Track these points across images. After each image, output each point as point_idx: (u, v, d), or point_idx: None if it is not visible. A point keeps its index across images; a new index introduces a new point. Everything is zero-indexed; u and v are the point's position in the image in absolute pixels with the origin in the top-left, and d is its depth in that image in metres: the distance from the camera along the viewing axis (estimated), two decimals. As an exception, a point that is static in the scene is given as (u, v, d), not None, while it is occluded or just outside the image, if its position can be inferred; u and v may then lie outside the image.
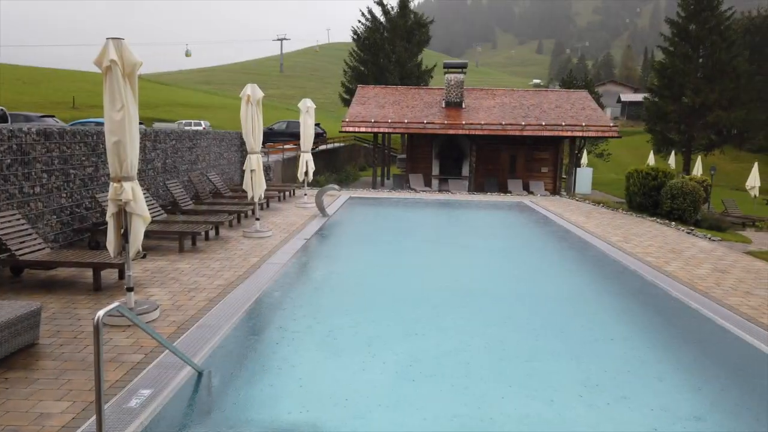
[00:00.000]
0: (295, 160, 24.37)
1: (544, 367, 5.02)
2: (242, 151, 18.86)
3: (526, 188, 25.38)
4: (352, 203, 16.59)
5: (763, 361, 5.23)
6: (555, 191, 25.50)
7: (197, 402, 4.24)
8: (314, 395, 4.37)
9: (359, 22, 47.05)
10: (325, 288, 7.69)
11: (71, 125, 27.44)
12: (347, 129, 24.06)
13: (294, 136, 30.42)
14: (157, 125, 35.03)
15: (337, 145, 37.30)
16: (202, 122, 37.75)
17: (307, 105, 14.72)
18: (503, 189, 25.26)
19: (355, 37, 47.23)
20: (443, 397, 4.38)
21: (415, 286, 7.90)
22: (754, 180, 23.76)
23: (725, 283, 7.84)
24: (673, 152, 37.46)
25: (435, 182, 25.73)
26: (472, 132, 23.86)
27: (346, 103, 43.26)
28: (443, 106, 25.98)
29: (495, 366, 5.05)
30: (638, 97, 72.97)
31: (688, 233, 12.29)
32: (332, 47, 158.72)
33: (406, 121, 24.19)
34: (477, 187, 25.21)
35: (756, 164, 24.59)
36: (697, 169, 28.29)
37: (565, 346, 5.59)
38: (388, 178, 31.63)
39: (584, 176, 30.31)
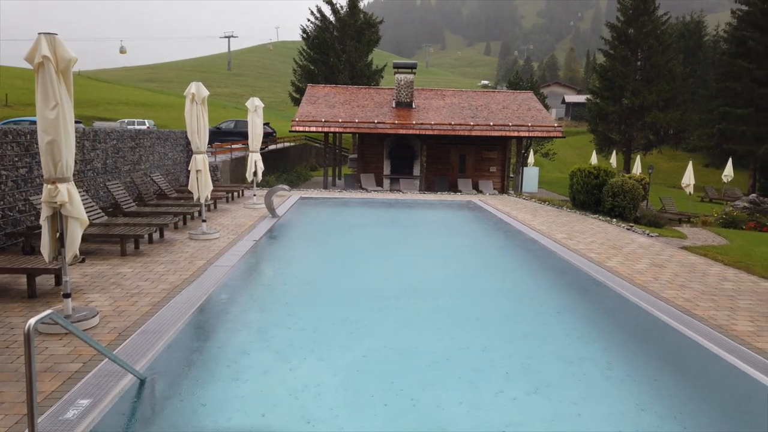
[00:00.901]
0: (243, 160, 23.94)
1: (492, 361, 5.11)
2: (188, 151, 18.38)
3: (476, 187, 25.84)
4: (302, 204, 16.44)
5: (696, 351, 5.49)
6: (503, 190, 26.06)
7: (140, 411, 4.09)
8: (262, 400, 4.30)
9: (309, 21, 46.68)
10: (274, 290, 7.58)
11: (3, 124, 26.05)
12: (297, 129, 23.83)
13: (242, 135, 29.92)
14: (97, 124, 33.68)
15: (287, 144, 36.91)
16: (146, 121, 36.58)
17: (255, 104, 14.48)
18: (453, 188, 25.62)
19: (305, 36, 46.82)
20: (393, 397, 4.39)
21: (367, 286, 7.90)
22: (688, 178, 24.97)
23: (662, 277, 8.20)
24: (614, 152, 38.97)
25: (386, 182, 25.82)
26: (423, 132, 24.07)
27: (297, 102, 42.87)
28: (394, 106, 26.11)
29: (443, 364, 5.10)
30: (581, 98, 75.48)
31: (628, 230, 12.80)
32: (282, 45, 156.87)
33: (356, 120, 24.17)
34: (428, 186, 25.47)
35: (690, 163, 25.84)
36: (637, 168, 29.53)
37: (508, 340, 5.72)
38: (339, 179, 31.54)
39: (531, 175, 31.11)
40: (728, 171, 30.58)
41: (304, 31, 46.98)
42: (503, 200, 18.88)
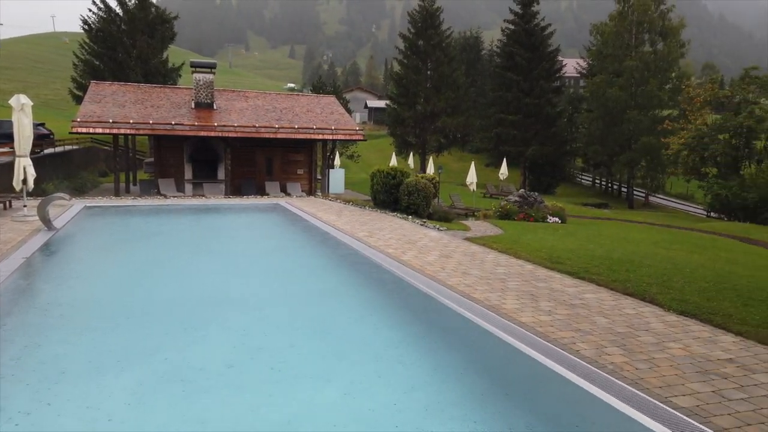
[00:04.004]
0: (10, 166, 20.65)
1: (298, 359, 5.16)
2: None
3: (284, 190, 25.81)
4: (88, 213, 14.75)
5: (476, 331, 6.17)
6: (311, 192, 26.45)
7: None
8: (29, 439, 3.76)
9: (90, 11, 42.08)
10: (50, 312, 6.67)
11: None
12: (79, 130, 21.32)
13: (8, 137, 25.80)
14: None
15: (69, 148, 32.82)
16: None
17: (21, 102, 12.58)
18: (261, 191, 25.26)
19: (87, 28, 42.12)
20: (202, 414, 4.17)
21: (162, 299, 7.38)
22: (472, 176, 28.02)
23: (448, 267, 9.07)
24: (411, 153, 42.11)
25: (189, 187, 24.45)
26: (226, 134, 23.30)
27: (80, 100, 38.34)
28: (193, 107, 24.82)
29: (251, 372, 5.00)
30: (382, 103, 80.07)
31: (422, 225, 13.91)
32: (58, 36, 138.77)
33: (151, 122, 22.45)
34: (234, 190, 24.73)
35: (473, 163, 29.03)
36: (431, 169, 32.29)
37: (315, 339, 5.83)
38: (135, 184, 29.00)
39: (337, 177, 32.04)
40: (504, 170, 35.01)
41: (85, 22, 42.24)
42: (310, 202, 19.15)
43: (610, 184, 60.06)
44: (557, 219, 18.31)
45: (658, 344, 5.58)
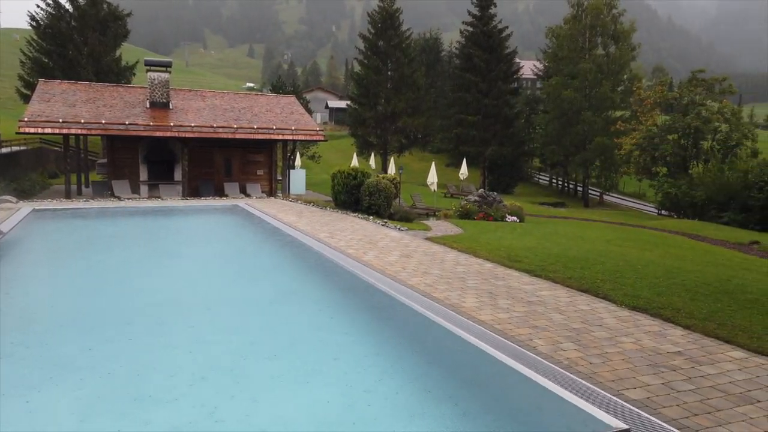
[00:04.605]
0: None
1: (253, 361, 5.09)
2: None
3: (243, 191, 25.43)
4: (37, 217, 14.19)
5: (434, 328, 6.22)
6: (271, 193, 26.15)
7: None
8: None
9: (38, 7, 40.49)
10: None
11: None
12: (27, 130, 20.49)
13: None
14: None
15: (16, 148, 31.51)
16: None
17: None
18: (220, 192, 24.82)
19: (35, 24, 40.51)
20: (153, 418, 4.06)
21: (116, 304, 7.17)
22: (433, 177, 28.22)
23: (409, 267, 9.12)
24: (373, 154, 42.13)
25: (144, 188, 23.83)
26: (182, 134, 22.80)
27: (28, 99, 36.85)
28: (148, 106, 24.19)
29: (202, 376, 4.91)
30: (343, 104, 79.88)
31: (383, 225, 13.94)
32: (6, 33, 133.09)
33: (103, 121, 21.77)
34: (192, 191, 24.22)
35: (433, 163, 29.26)
36: (392, 169, 32.36)
37: (270, 341, 5.77)
38: (87, 186, 28.05)
39: (298, 177, 31.80)
40: (464, 170, 35.38)
41: (33, 18, 40.60)
42: (270, 203, 18.94)
43: (566, 184, 61.59)
44: (516, 218, 18.65)
45: (611, 339, 5.76)
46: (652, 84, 61.66)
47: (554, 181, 64.52)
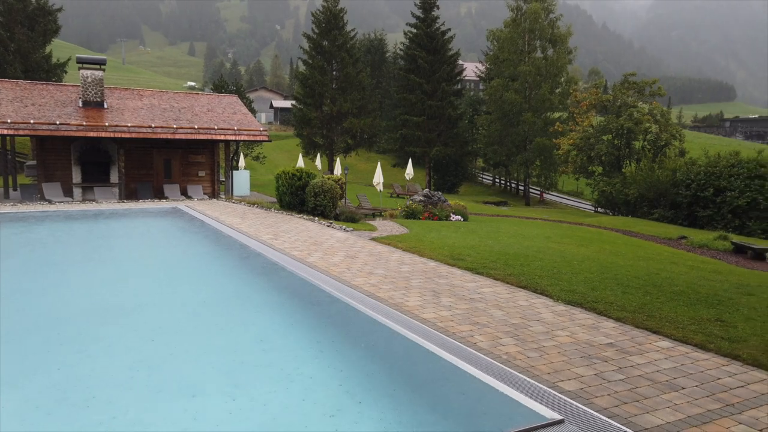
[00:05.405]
0: None
1: (190, 368, 4.96)
2: None
3: (184, 193, 24.74)
4: (-43, 223, 13.33)
5: (377, 328, 6.25)
6: (214, 194, 25.56)
7: None
8: None
9: (-41, -2, 38.04)
10: None
11: None
12: (-54, 130, 19.19)
13: None
14: None
15: (-66, 150, 29.39)
16: None
17: None
18: (159, 194, 24.05)
19: (-45, 16, 38.04)
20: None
21: (47, 314, 6.83)
22: (378, 177, 28.34)
23: (354, 267, 9.13)
24: (318, 154, 41.85)
25: (78, 191, 22.77)
26: (118, 135, 21.93)
27: (-54, 97, 34.50)
28: (80, 105, 23.13)
29: (141, 383, 4.75)
30: (288, 103, 78.99)
31: (328, 226, 13.89)
32: None
33: (32, 121, 20.65)
34: (129, 194, 23.36)
35: (379, 163, 29.39)
36: (338, 169, 32.26)
37: (211, 346, 5.64)
38: (15, 189, 26.53)
39: (242, 179, 31.17)
40: (409, 170, 35.69)
41: (-48, 10, 38.12)
42: (212, 205, 18.50)
43: (508, 183, 63.21)
44: (460, 217, 18.98)
45: (547, 333, 5.95)
46: (588, 86, 64.18)
47: (497, 180, 66.08)
